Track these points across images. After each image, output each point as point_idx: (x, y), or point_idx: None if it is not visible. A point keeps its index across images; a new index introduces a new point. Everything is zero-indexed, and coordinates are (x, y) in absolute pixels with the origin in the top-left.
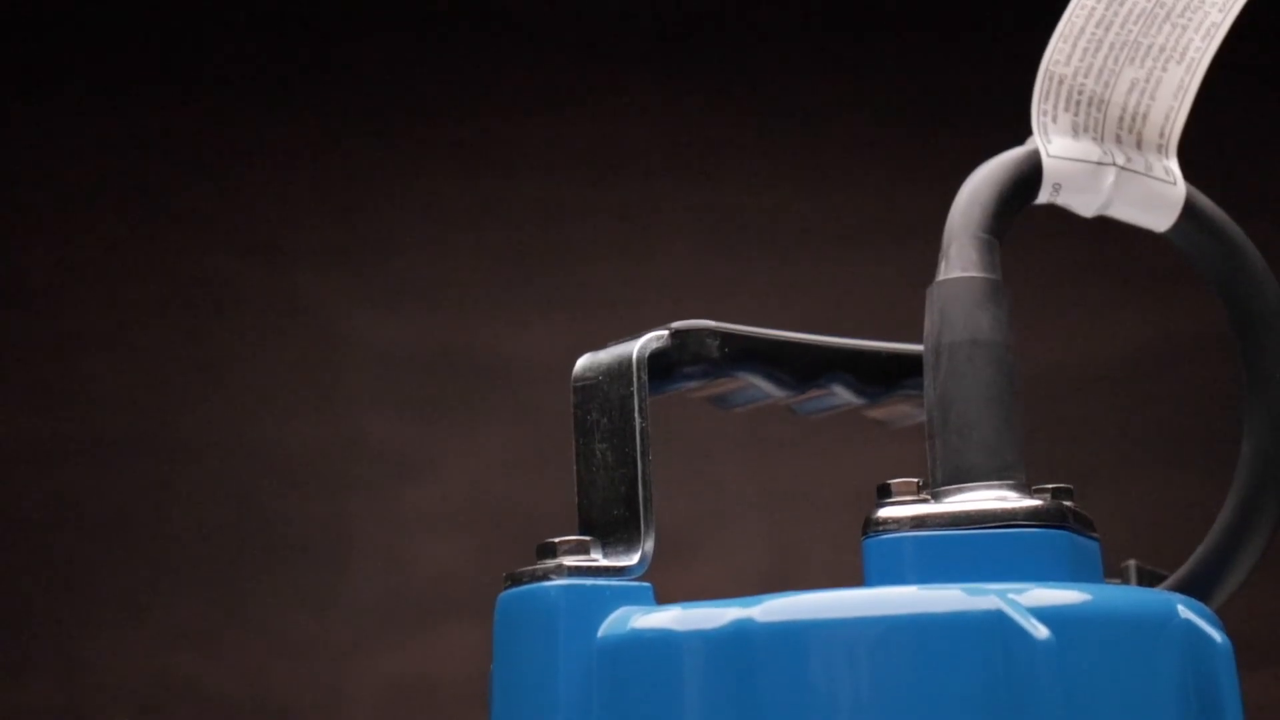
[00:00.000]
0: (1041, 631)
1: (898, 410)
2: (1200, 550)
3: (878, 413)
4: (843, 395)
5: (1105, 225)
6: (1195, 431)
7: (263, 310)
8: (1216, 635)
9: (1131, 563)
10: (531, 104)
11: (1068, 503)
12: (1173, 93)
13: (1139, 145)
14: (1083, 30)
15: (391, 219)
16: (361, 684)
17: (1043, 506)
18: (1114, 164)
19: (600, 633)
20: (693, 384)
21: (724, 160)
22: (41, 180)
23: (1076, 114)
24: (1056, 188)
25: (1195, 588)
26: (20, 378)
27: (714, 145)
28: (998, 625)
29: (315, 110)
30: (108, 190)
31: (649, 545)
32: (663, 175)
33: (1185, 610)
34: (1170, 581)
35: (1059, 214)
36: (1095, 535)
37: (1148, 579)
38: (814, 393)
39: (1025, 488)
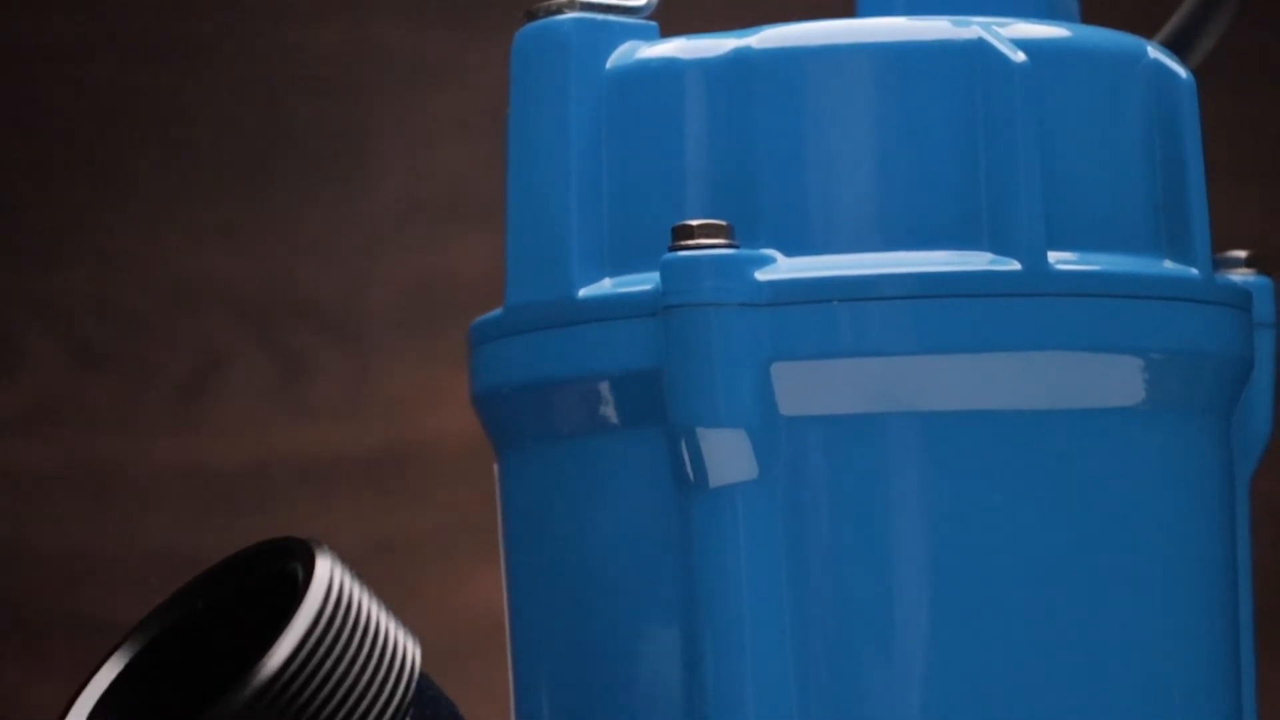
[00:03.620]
0: (1019, 57)
1: None
2: (1174, 20)
3: None
4: None
5: None
6: None
7: None
8: (1181, 71)
9: None
10: None
11: None
12: None
13: None
14: None
15: None
16: (383, 281)
17: None
18: None
19: (609, 64)
20: None
21: None
22: None
23: None
24: None
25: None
26: None
27: None
28: (979, 51)
29: None
30: None
31: None
32: None
33: (1154, 51)
34: None
35: None
36: None
37: None
38: None
39: None
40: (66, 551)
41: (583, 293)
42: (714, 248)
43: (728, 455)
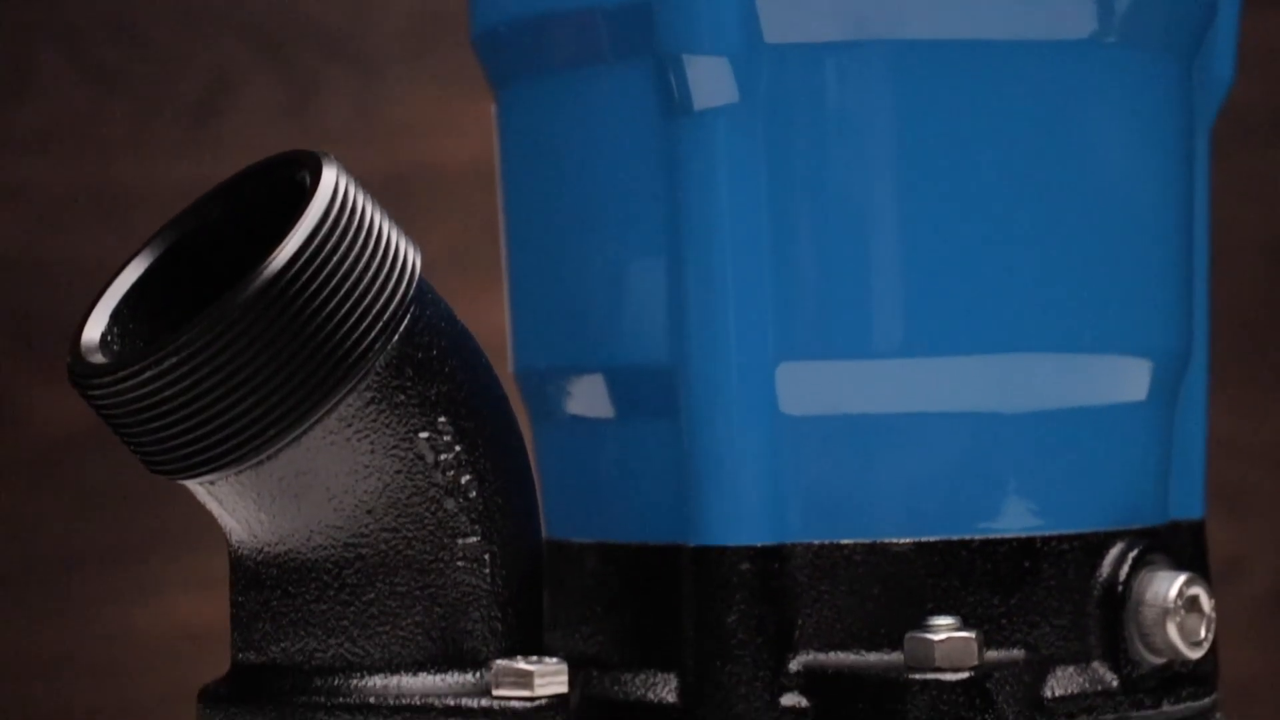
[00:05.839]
0: None
1: None
2: None
3: None
4: None
5: None
6: None
7: None
8: None
9: None
10: None
11: None
12: None
13: None
14: None
15: None
16: (392, 5)
17: None
18: None
19: None
20: None
21: None
22: None
23: None
24: None
25: None
26: None
27: None
28: None
29: None
30: None
31: None
32: None
33: None
34: None
35: None
36: None
37: None
38: None
39: None
40: (79, 268)
41: None
42: None
43: (711, 80)
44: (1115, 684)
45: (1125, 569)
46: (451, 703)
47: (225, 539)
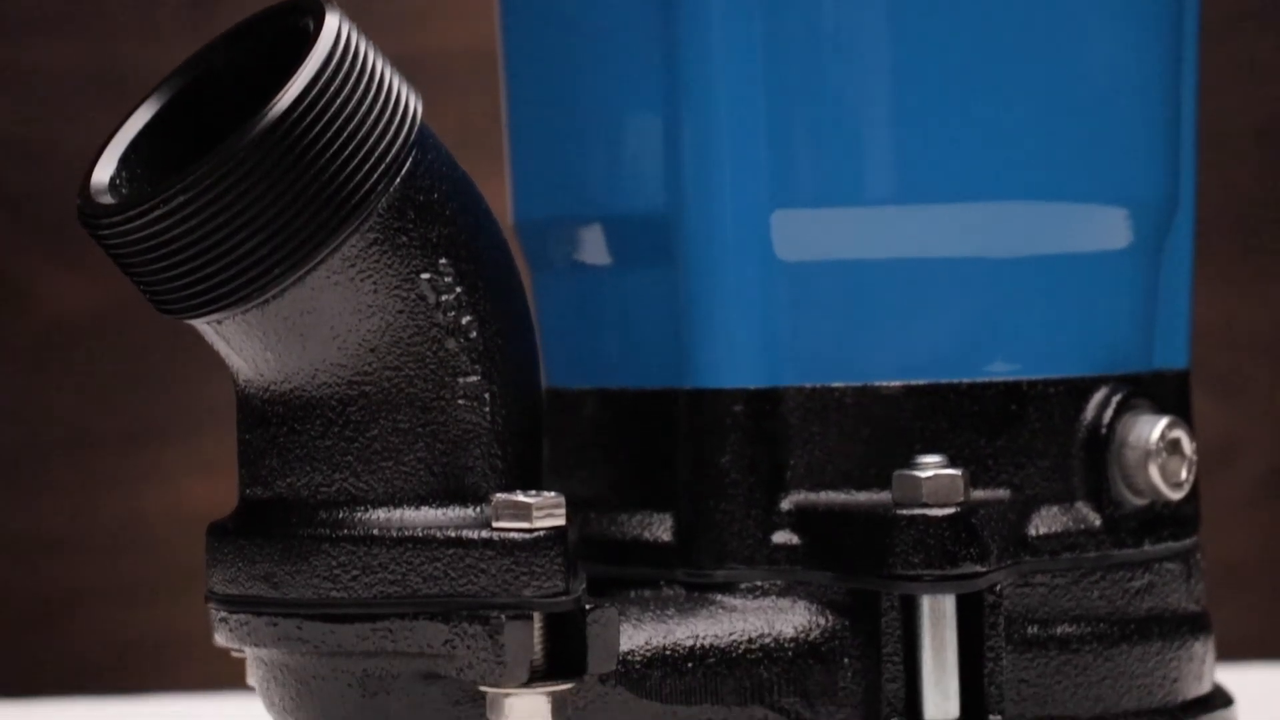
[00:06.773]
0: None
1: None
2: None
3: None
4: None
5: None
6: None
7: None
8: None
9: None
10: None
11: None
12: None
13: None
14: None
15: None
16: None
17: None
18: None
19: None
20: None
21: None
22: None
23: None
24: None
25: None
26: None
27: None
28: None
29: None
30: None
31: None
32: None
33: None
34: None
35: None
36: None
37: None
38: None
39: None
40: (82, 152)
41: None
42: None
43: None
44: (1098, 524)
45: (1109, 412)
46: (452, 534)
47: (232, 379)
